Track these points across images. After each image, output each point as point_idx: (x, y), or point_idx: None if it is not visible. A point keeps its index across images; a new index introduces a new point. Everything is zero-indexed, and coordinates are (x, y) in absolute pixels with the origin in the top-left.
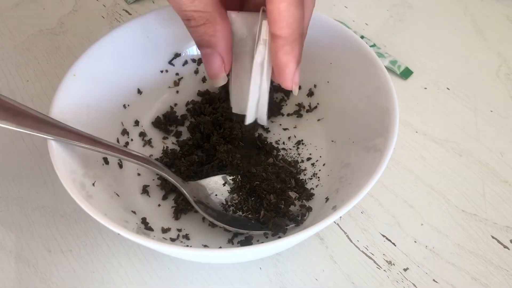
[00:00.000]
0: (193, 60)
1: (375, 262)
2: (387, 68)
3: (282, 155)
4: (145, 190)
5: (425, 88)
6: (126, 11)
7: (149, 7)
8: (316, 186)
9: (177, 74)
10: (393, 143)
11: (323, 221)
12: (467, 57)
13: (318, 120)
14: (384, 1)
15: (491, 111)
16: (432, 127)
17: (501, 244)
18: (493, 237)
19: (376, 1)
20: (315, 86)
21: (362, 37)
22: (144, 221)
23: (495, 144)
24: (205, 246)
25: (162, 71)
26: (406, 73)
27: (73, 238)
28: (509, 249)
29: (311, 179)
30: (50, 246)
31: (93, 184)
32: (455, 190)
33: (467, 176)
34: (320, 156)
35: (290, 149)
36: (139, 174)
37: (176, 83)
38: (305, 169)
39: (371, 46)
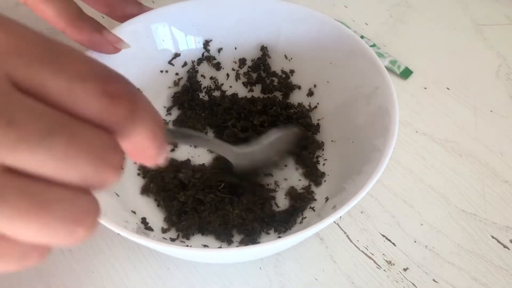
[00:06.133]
0: (193, 61)
1: (375, 262)
2: (387, 68)
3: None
4: (145, 190)
5: (425, 88)
6: None
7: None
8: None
9: (177, 74)
10: (393, 143)
11: (323, 221)
12: (467, 57)
13: (318, 120)
14: (384, 1)
15: (491, 111)
16: (432, 127)
17: (501, 244)
18: (493, 237)
19: (376, 1)
20: (315, 86)
21: (362, 37)
22: (144, 221)
23: (495, 144)
24: (205, 246)
25: (162, 71)
26: (406, 73)
27: None
28: (509, 249)
29: None
30: None
31: None
32: (455, 190)
33: (467, 176)
34: (320, 156)
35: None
36: (139, 174)
37: (176, 83)
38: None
39: (371, 46)
